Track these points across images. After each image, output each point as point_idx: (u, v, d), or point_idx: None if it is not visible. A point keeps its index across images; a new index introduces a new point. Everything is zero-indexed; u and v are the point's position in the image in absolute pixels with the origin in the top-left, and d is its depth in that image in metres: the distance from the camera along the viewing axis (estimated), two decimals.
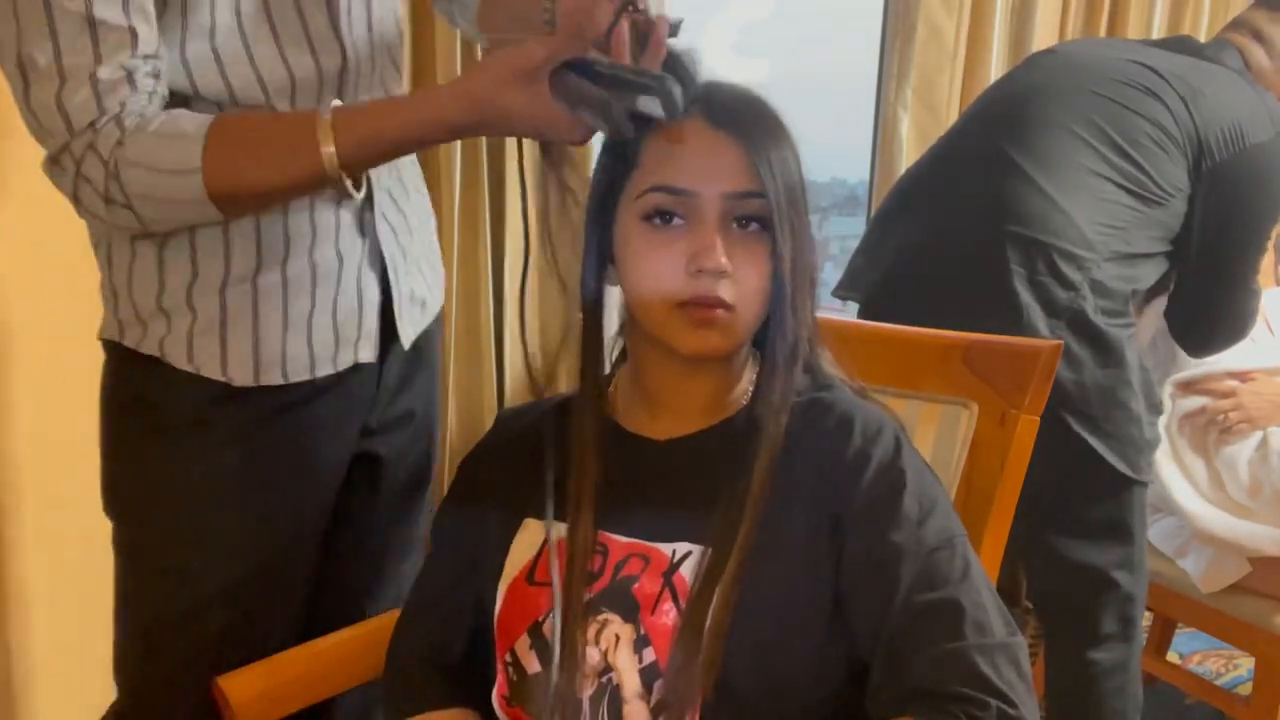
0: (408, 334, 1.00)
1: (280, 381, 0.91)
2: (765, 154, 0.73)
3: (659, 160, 0.75)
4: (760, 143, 0.74)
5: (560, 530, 0.79)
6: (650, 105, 0.72)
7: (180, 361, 0.88)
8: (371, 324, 0.96)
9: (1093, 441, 1.36)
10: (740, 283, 0.73)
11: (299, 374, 0.91)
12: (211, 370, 0.88)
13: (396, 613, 0.92)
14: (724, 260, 0.72)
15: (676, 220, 0.74)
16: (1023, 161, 1.37)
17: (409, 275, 1.00)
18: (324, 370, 0.93)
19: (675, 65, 0.76)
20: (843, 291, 1.60)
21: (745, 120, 0.75)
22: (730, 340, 0.76)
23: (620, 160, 0.77)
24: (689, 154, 0.74)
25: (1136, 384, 1.38)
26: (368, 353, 0.96)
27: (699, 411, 0.81)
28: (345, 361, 0.95)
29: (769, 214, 0.73)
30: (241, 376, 0.89)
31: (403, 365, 1.03)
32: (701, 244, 0.72)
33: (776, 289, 0.75)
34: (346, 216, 0.92)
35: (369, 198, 0.94)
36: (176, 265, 0.87)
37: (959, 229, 1.41)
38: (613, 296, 0.82)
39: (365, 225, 0.94)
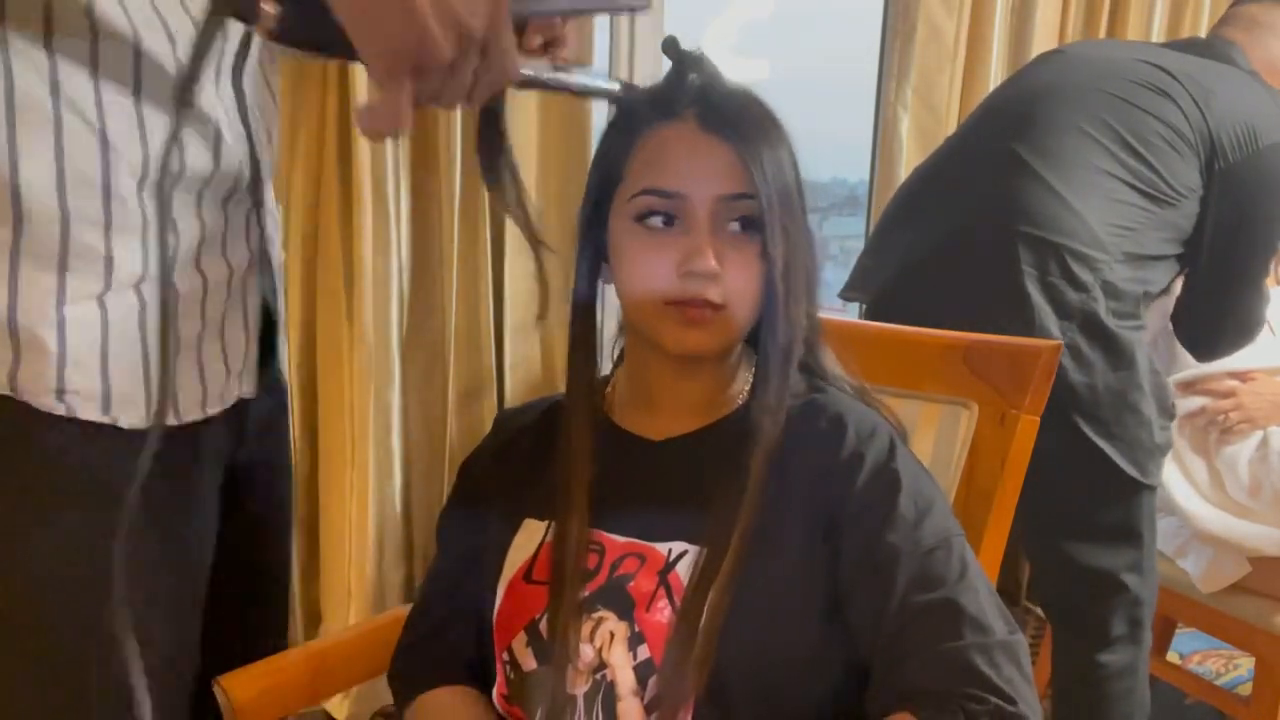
0: (281, 362, 0.88)
1: (173, 423, 0.73)
2: (757, 156, 0.73)
3: (650, 163, 0.75)
4: (752, 144, 0.73)
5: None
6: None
7: (41, 399, 0.66)
8: (253, 352, 0.81)
9: (1103, 445, 1.35)
10: (730, 284, 0.73)
11: (190, 412, 0.74)
12: (88, 409, 0.67)
13: (396, 612, 0.93)
14: (713, 263, 0.72)
15: (668, 222, 0.74)
16: (1034, 161, 1.36)
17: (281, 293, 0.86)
18: (214, 408, 0.77)
19: (682, 66, 0.77)
20: (849, 293, 1.59)
21: (737, 122, 0.74)
22: (720, 340, 0.76)
23: (613, 162, 0.77)
24: (680, 156, 0.74)
25: (1148, 387, 1.38)
26: (249, 386, 0.82)
27: (694, 411, 0.81)
28: (231, 397, 0.79)
29: (760, 216, 0.73)
30: (130, 416, 0.69)
31: (269, 402, 0.88)
32: (692, 246, 0.72)
33: (769, 290, 0.75)
34: (236, 214, 0.76)
35: (257, 187, 0.78)
36: (36, 266, 0.65)
37: (969, 229, 1.40)
38: (612, 297, 0.82)
39: (251, 227, 0.79)
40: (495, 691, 0.80)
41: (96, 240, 0.66)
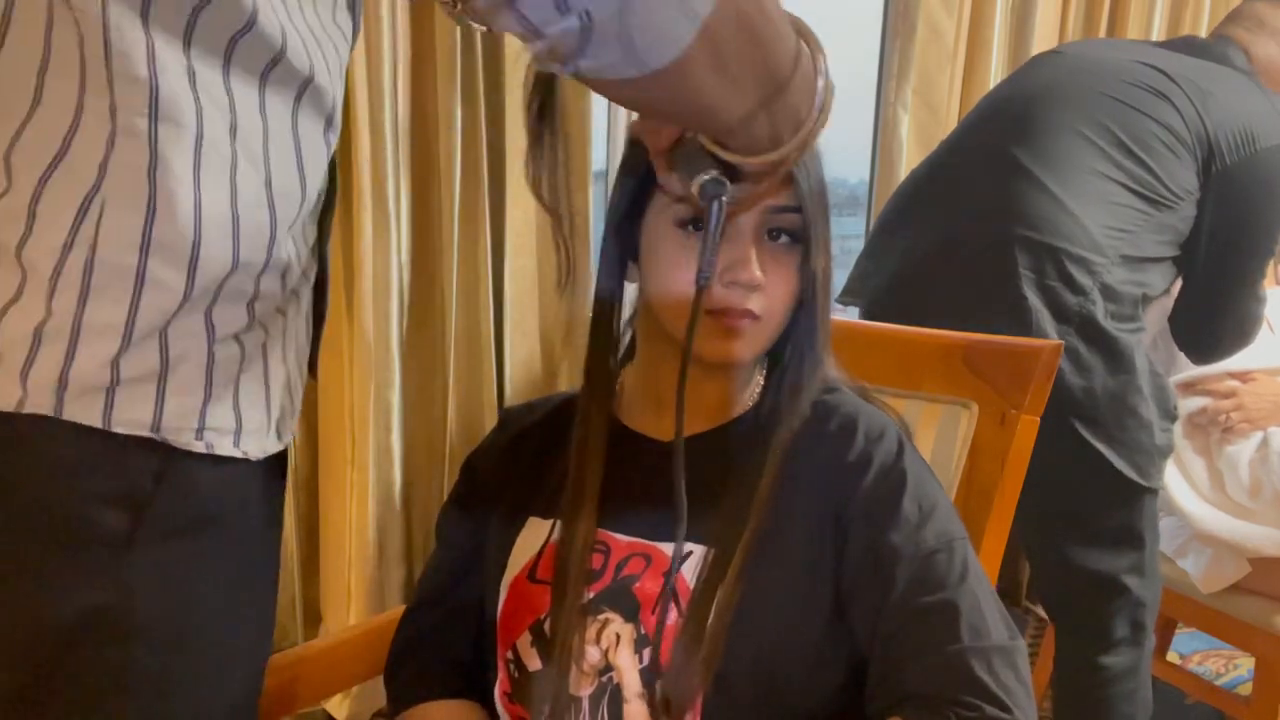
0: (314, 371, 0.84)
1: (278, 447, 0.70)
2: (804, 167, 0.73)
3: None
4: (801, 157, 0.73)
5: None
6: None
7: (182, 438, 0.62)
8: (306, 363, 0.78)
9: (1102, 448, 1.35)
10: (770, 295, 0.73)
11: (287, 434, 0.72)
12: (224, 444, 0.65)
13: (396, 612, 0.92)
14: (758, 274, 0.72)
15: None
16: (1031, 164, 1.36)
17: None
18: (294, 426, 0.74)
19: None
20: (848, 298, 1.59)
21: None
22: (753, 349, 0.76)
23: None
24: None
25: (1148, 390, 1.38)
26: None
27: (705, 413, 0.81)
28: (300, 409, 0.77)
29: (804, 228, 0.73)
30: (257, 447, 0.67)
31: None
32: (736, 255, 0.72)
33: (804, 300, 0.76)
34: (313, 238, 0.73)
35: (331, 206, 0.76)
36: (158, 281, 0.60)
37: (966, 233, 1.40)
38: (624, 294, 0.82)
39: (318, 243, 0.76)
40: (498, 690, 0.80)
41: (249, 282, 0.63)
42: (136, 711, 0.64)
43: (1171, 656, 2.10)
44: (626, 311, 0.83)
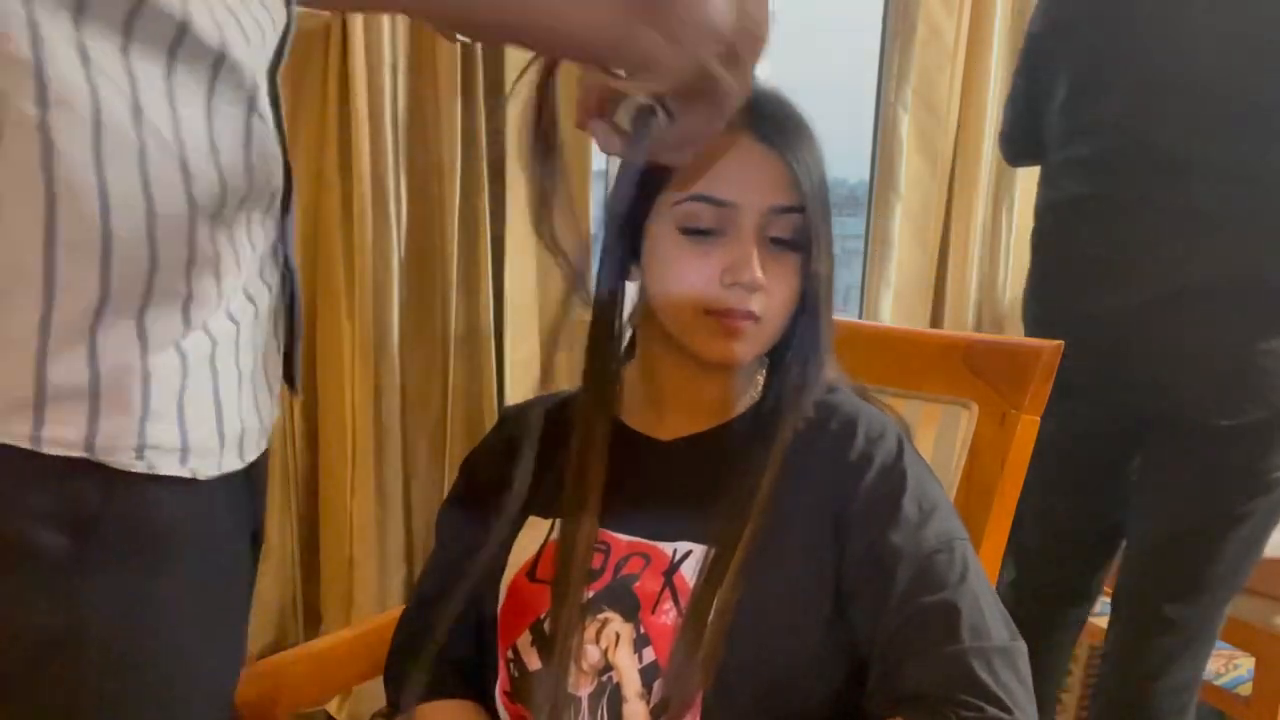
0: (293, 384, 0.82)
1: (238, 466, 0.66)
2: (806, 169, 0.73)
3: (701, 168, 0.74)
4: (802, 158, 0.73)
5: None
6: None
7: (118, 458, 0.58)
8: (278, 379, 0.74)
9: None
10: (772, 296, 0.74)
11: (251, 451, 0.68)
12: (168, 463, 0.60)
13: (396, 611, 0.92)
14: (760, 275, 0.72)
15: (713, 231, 0.73)
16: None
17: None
18: (265, 443, 0.70)
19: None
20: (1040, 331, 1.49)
21: (789, 134, 0.74)
22: (754, 350, 0.76)
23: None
24: (733, 165, 0.73)
25: None
26: (278, 409, 0.75)
27: (705, 412, 0.81)
28: (271, 426, 0.73)
29: (805, 229, 0.74)
30: (207, 466, 0.63)
31: None
32: (738, 256, 0.72)
33: (807, 302, 0.76)
34: (271, 230, 0.69)
35: (289, 195, 0.71)
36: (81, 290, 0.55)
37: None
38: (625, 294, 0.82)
39: (277, 251, 0.71)
40: (498, 689, 0.80)
41: (179, 281, 0.58)
42: None
43: None
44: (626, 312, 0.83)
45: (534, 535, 0.81)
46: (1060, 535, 1.57)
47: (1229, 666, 2.17)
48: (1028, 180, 2.24)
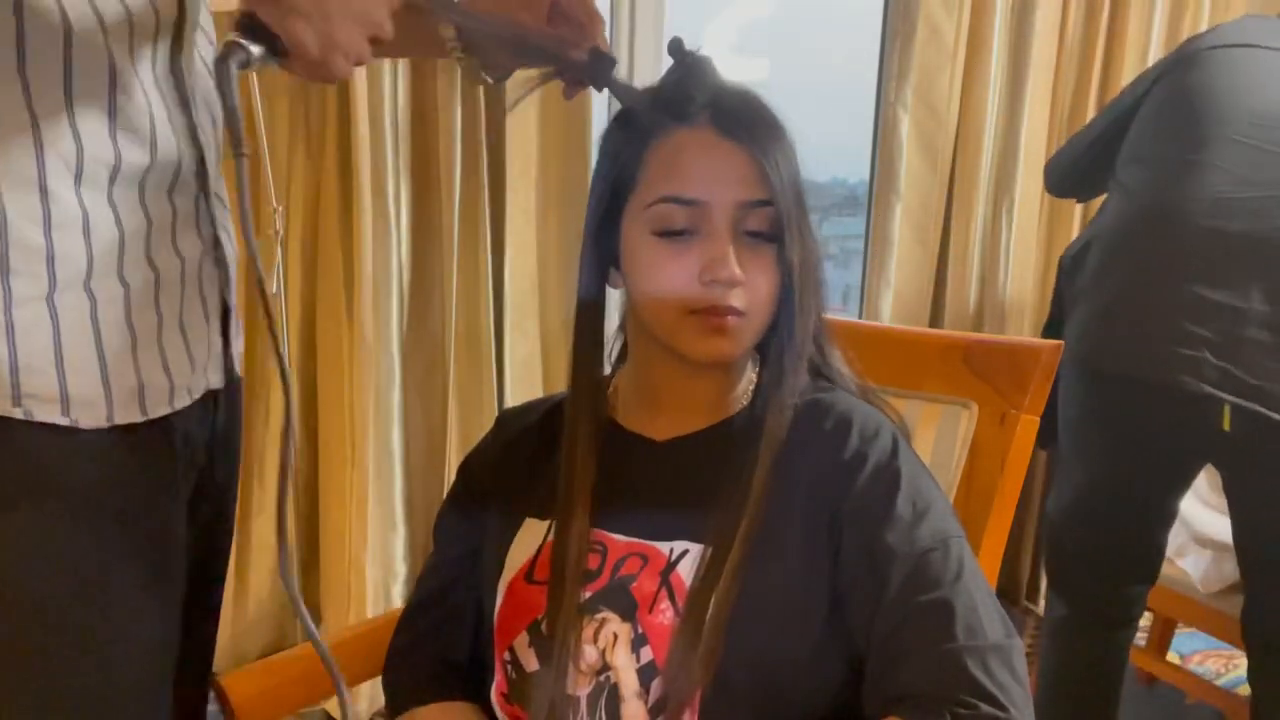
0: (238, 351, 0.86)
1: (138, 418, 0.71)
2: (774, 161, 0.73)
3: (668, 169, 0.74)
4: (768, 150, 0.73)
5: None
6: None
7: None
8: (217, 342, 0.81)
9: None
10: (751, 290, 0.74)
11: (158, 407, 0.73)
12: (47, 412, 0.66)
13: (396, 611, 0.92)
14: (738, 270, 0.72)
15: (687, 230, 0.74)
16: None
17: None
18: (182, 401, 0.76)
19: (689, 71, 0.77)
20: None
21: (753, 128, 0.74)
22: (740, 346, 0.76)
23: (625, 166, 0.77)
24: (699, 163, 0.73)
25: None
26: (216, 377, 0.81)
27: (699, 412, 0.81)
28: (199, 389, 0.78)
29: (778, 222, 0.73)
30: (90, 417, 0.69)
31: (230, 393, 0.87)
32: (714, 253, 0.72)
33: (785, 294, 0.75)
34: (184, 204, 0.75)
35: (204, 175, 0.77)
36: None
37: None
38: (612, 296, 0.82)
39: (201, 216, 0.77)
40: (494, 690, 0.80)
41: (37, 238, 0.65)
42: None
43: (1171, 656, 2.10)
44: (615, 316, 0.83)
45: (531, 537, 0.81)
46: (1104, 564, 1.56)
47: (1229, 666, 2.17)
48: (1028, 180, 2.24)
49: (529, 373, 1.94)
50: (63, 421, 0.67)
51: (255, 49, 0.63)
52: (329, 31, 0.64)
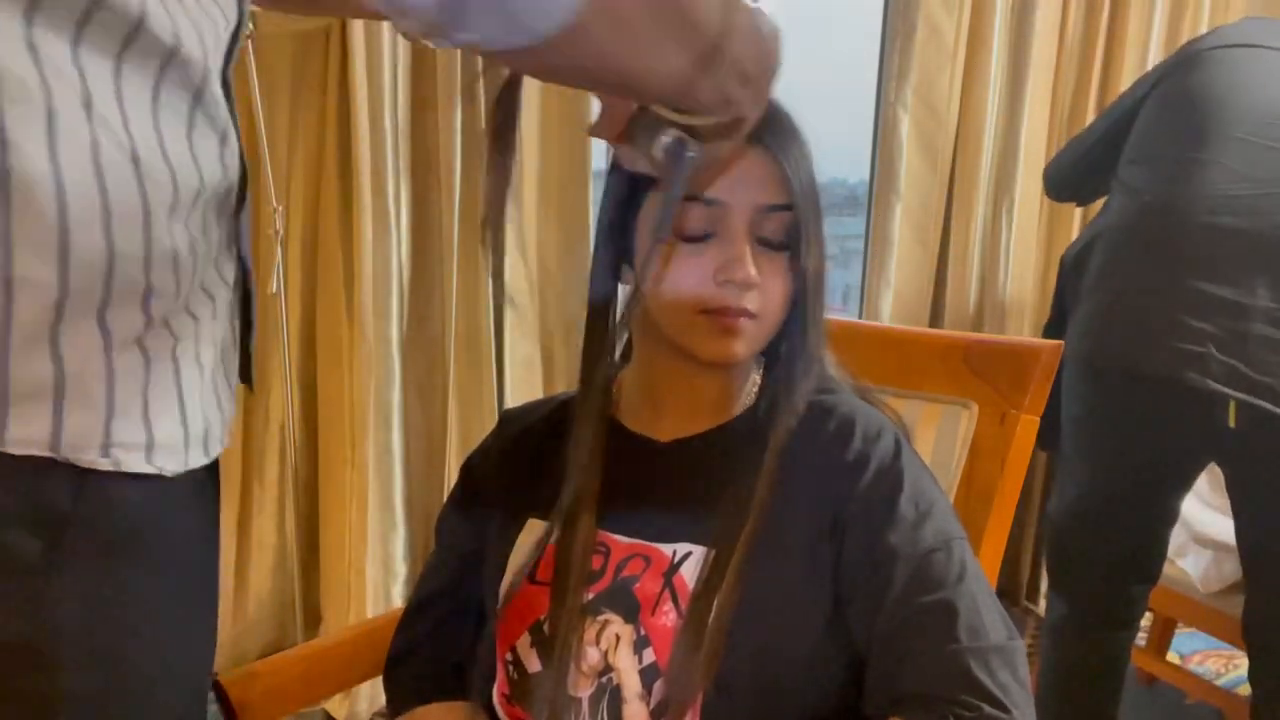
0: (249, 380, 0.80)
1: (206, 461, 0.67)
2: (795, 166, 0.73)
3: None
4: (790, 155, 0.73)
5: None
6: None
7: (85, 456, 0.58)
8: (235, 375, 0.74)
9: None
10: (765, 293, 0.74)
11: (217, 447, 0.68)
12: (134, 461, 0.60)
13: (396, 612, 0.92)
14: (754, 272, 0.72)
15: (705, 231, 0.73)
16: None
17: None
18: (226, 440, 0.70)
19: None
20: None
21: (777, 133, 0.74)
22: (750, 348, 0.76)
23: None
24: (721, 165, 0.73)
25: None
26: (229, 407, 0.75)
27: (704, 413, 0.81)
28: (230, 422, 0.73)
29: (795, 227, 0.74)
30: (172, 463, 0.63)
31: None
32: (731, 255, 0.72)
33: (796, 299, 0.76)
34: (228, 225, 0.68)
35: (244, 191, 0.70)
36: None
37: None
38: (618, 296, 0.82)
39: (232, 247, 0.70)
40: (496, 691, 0.80)
41: (138, 276, 0.58)
42: None
43: (1171, 656, 2.10)
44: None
45: (534, 538, 0.81)
46: (1106, 564, 1.56)
47: (1229, 666, 2.17)
48: (1028, 180, 2.24)
49: (529, 373, 1.94)
50: (149, 470, 0.62)
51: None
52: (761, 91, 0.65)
